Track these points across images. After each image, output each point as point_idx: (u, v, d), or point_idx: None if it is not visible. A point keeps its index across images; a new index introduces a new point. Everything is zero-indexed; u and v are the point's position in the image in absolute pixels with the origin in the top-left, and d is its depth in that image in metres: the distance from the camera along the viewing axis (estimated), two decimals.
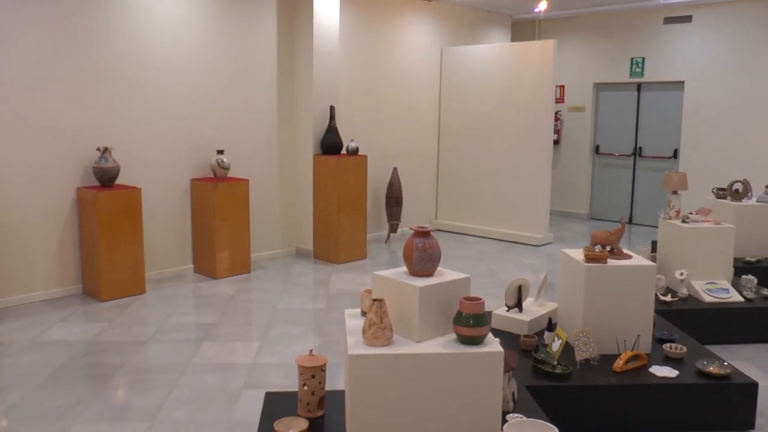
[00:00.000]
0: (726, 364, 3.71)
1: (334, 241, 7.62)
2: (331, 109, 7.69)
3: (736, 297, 5.19)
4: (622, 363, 3.65)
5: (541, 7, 9.71)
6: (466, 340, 2.68)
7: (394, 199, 8.69)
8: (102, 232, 5.93)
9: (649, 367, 3.71)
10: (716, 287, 5.24)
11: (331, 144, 7.64)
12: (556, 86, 10.88)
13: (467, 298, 2.71)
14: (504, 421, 2.77)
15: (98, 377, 4.39)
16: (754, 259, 6.28)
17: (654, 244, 6.29)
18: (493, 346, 2.70)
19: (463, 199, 9.69)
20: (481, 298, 2.70)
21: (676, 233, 5.47)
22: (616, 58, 10.47)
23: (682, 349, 3.88)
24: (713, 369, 3.64)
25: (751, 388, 3.61)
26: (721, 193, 6.75)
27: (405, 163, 9.33)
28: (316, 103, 7.68)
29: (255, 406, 3.87)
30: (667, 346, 3.92)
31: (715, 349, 4.70)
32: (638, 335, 3.88)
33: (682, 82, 9.81)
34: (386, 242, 8.86)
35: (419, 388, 2.62)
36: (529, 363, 3.72)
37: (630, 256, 4.10)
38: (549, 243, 8.98)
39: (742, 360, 4.69)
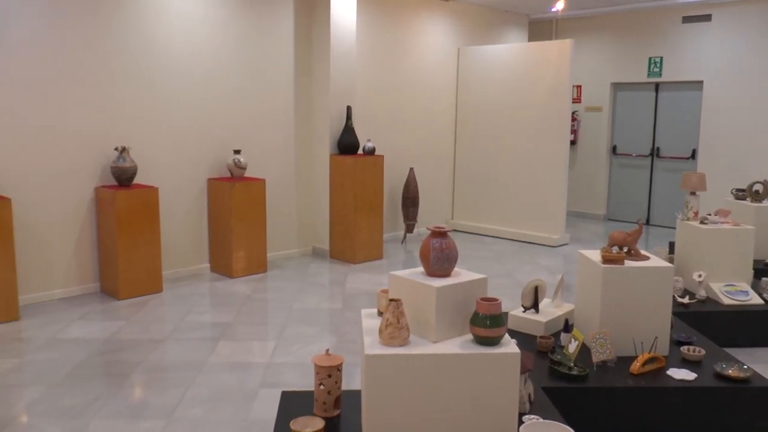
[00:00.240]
0: (745, 367, 3.67)
1: (351, 241, 7.63)
2: (348, 109, 7.70)
3: (755, 299, 5.14)
4: (639, 365, 3.63)
5: (559, 6, 9.66)
6: (482, 341, 2.68)
7: (410, 199, 8.69)
8: (120, 231, 5.97)
9: (667, 369, 3.68)
10: (735, 289, 5.19)
11: (347, 144, 7.65)
12: (573, 86, 10.82)
13: (484, 299, 2.71)
14: (520, 423, 2.76)
15: (116, 375, 4.43)
16: None
17: (671, 245, 6.24)
18: (510, 347, 2.69)
19: (480, 200, 9.67)
20: (498, 299, 2.70)
21: (695, 234, 5.42)
22: (633, 57, 10.40)
23: (700, 352, 3.85)
24: (732, 372, 3.60)
25: None
26: (741, 194, 6.69)
27: (421, 163, 9.32)
28: (333, 103, 7.69)
29: (271, 406, 3.88)
30: (684, 349, 3.88)
31: (734, 352, 4.64)
32: (656, 337, 3.85)
33: (701, 82, 9.73)
34: (402, 242, 8.85)
35: (435, 388, 2.62)
36: (546, 364, 3.71)
37: (647, 258, 4.07)
38: (565, 244, 8.94)
39: (763, 363, 4.64)
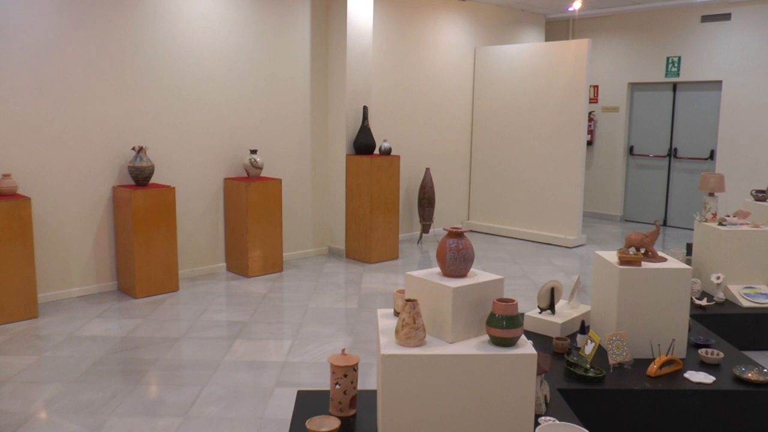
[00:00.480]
0: (765, 370, 3.62)
1: (367, 241, 7.64)
2: (365, 109, 7.71)
3: None
4: (657, 368, 3.60)
5: (576, 6, 9.61)
6: (499, 342, 2.67)
7: (426, 200, 8.68)
8: (137, 230, 6.02)
9: (684, 372, 3.65)
10: (755, 292, 5.15)
11: (364, 144, 7.65)
12: (590, 86, 10.78)
13: (501, 300, 2.70)
14: (536, 424, 2.76)
15: (133, 372, 4.46)
16: None
17: (689, 247, 6.20)
18: (526, 348, 2.68)
19: (496, 200, 9.65)
20: (514, 300, 2.69)
21: (713, 236, 5.38)
22: (651, 57, 10.33)
23: (718, 355, 3.81)
24: (752, 376, 3.56)
25: None
26: (760, 195, 6.62)
27: (438, 163, 9.32)
28: (350, 103, 7.70)
29: (287, 404, 3.90)
30: (702, 351, 3.85)
31: (754, 356, 4.61)
32: (673, 339, 3.82)
33: (720, 82, 9.64)
34: (418, 242, 8.85)
35: (451, 389, 2.61)
36: (562, 366, 3.69)
37: (665, 259, 4.04)
38: (582, 245, 8.90)
39: None
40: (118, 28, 6.17)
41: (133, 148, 6.20)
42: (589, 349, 3.65)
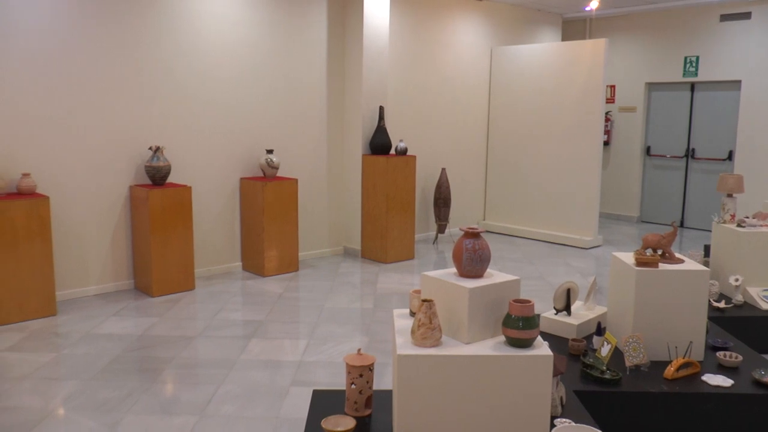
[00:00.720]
0: None
1: (382, 241, 7.64)
2: (381, 109, 7.71)
3: None
4: (674, 370, 3.57)
5: (593, 5, 9.56)
6: (515, 343, 2.66)
7: (442, 200, 8.67)
8: (153, 229, 6.05)
9: (702, 375, 3.62)
10: None
11: (380, 144, 7.65)
12: (607, 86, 10.72)
13: (517, 301, 2.69)
14: (552, 426, 2.74)
15: (149, 370, 4.49)
16: None
17: (707, 248, 6.14)
18: (543, 349, 2.67)
19: (512, 200, 9.62)
20: (530, 301, 2.68)
21: (731, 238, 5.33)
22: (669, 57, 10.26)
23: (737, 358, 3.77)
24: None
25: None
26: None
27: (453, 163, 9.30)
28: (366, 103, 7.70)
29: (302, 404, 3.91)
30: (721, 354, 3.82)
31: None
32: (690, 342, 3.79)
33: (739, 82, 9.55)
34: (434, 243, 8.84)
35: (467, 389, 2.61)
36: (578, 367, 3.67)
37: (682, 261, 4.01)
38: (598, 246, 8.85)
39: None
40: (136, 29, 6.21)
41: (150, 148, 6.24)
42: (606, 351, 3.62)
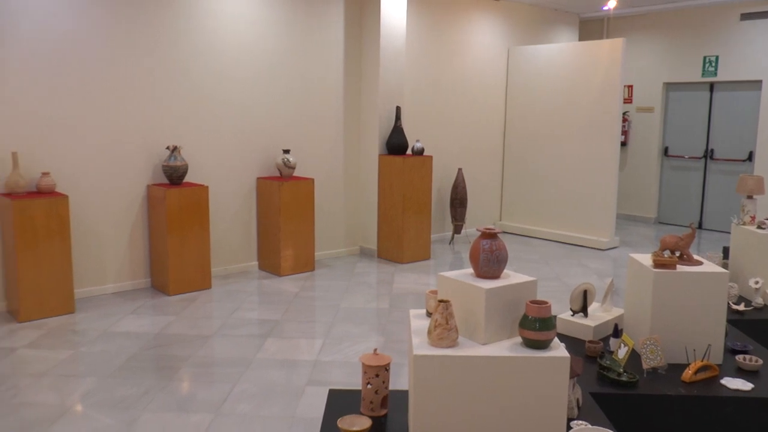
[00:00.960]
0: None
1: (398, 241, 7.64)
2: (397, 109, 7.71)
3: None
4: (692, 373, 3.53)
5: (611, 4, 9.50)
6: (532, 344, 2.65)
7: (458, 200, 8.66)
8: (170, 228, 6.09)
9: (721, 378, 3.58)
10: None
11: (396, 144, 7.65)
12: (625, 86, 10.64)
13: (534, 302, 2.68)
14: (568, 428, 2.73)
15: (165, 368, 4.52)
16: None
17: (726, 250, 6.08)
18: (560, 350, 2.65)
19: (528, 201, 9.59)
20: (548, 302, 2.66)
21: (751, 239, 5.27)
22: (687, 56, 10.17)
23: (757, 361, 3.73)
24: None
25: None
26: None
27: (470, 163, 9.28)
28: (382, 103, 7.70)
29: (318, 403, 3.92)
30: (740, 358, 3.77)
31: None
32: (709, 345, 3.75)
33: (760, 82, 9.45)
34: (450, 243, 8.83)
35: (484, 390, 2.60)
36: (594, 369, 3.64)
37: (701, 263, 3.97)
38: (615, 247, 8.80)
39: None
40: (154, 30, 6.25)
41: (168, 148, 6.28)
42: (623, 353, 3.60)
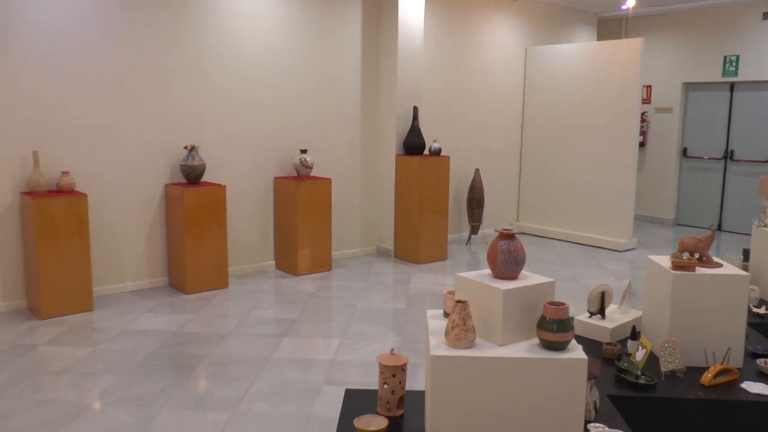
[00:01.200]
0: None
1: (415, 241, 7.63)
2: (415, 109, 7.70)
3: None
4: (711, 377, 3.50)
5: (629, 3, 9.41)
6: (549, 346, 2.64)
7: (475, 201, 8.64)
8: (188, 227, 6.13)
9: (741, 382, 3.54)
10: None
11: (414, 144, 7.65)
12: (643, 86, 10.56)
13: (551, 303, 2.67)
14: (586, 431, 2.72)
15: (183, 367, 4.55)
16: None
17: (746, 252, 6.02)
18: (577, 352, 2.64)
19: (545, 202, 9.55)
20: (565, 303, 2.65)
21: None
22: (707, 56, 10.07)
23: None
24: None
25: None
26: None
27: (487, 164, 9.26)
28: (400, 103, 7.70)
29: (334, 403, 3.92)
30: (761, 362, 3.73)
31: None
32: (729, 348, 3.71)
33: None
34: (467, 244, 8.81)
35: (501, 391, 2.59)
36: (612, 372, 3.62)
37: (720, 265, 3.93)
38: (632, 249, 8.74)
39: None
40: (172, 30, 6.29)
41: (186, 147, 6.32)
42: (640, 356, 3.57)
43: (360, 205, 8.01)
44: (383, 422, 2.76)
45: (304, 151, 7.06)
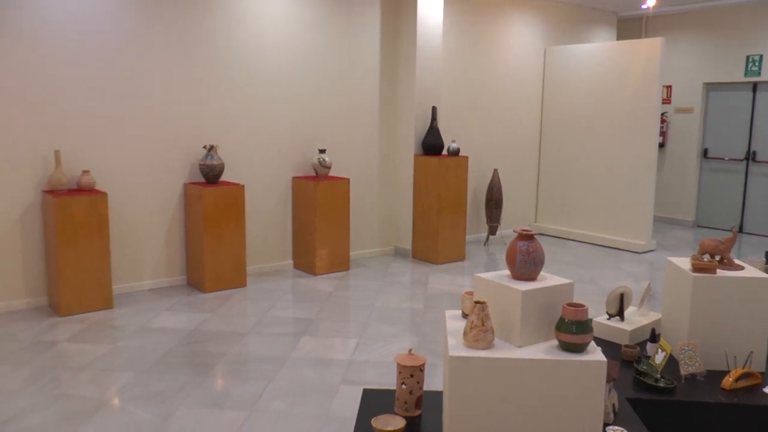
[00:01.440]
0: None
1: (433, 242, 7.62)
2: (433, 109, 7.69)
3: None
4: (732, 380, 3.46)
5: (650, 3, 9.33)
6: (568, 347, 2.63)
7: (494, 201, 8.61)
8: (206, 226, 6.16)
9: (764, 387, 3.50)
10: None
11: (432, 144, 7.64)
12: (663, 86, 10.47)
13: (570, 305, 2.65)
14: None
15: (201, 365, 4.57)
16: None
17: None
18: (596, 354, 2.63)
19: (564, 203, 9.49)
20: (584, 305, 2.64)
21: None
22: (729, 56, 9.97)
23: None
24: None
25: None
26: None
27: (505, 164, 9.22)
28: (418, 103, 7.70)
29: (352, 402, 3.93)
30: None
31: None
32: (751, 352, 3.67)
33: None
34: (485, 244, 8.78)
35: (519, 393, 2.59)
36: (630, 374, 3.60)
37: (742, 267, 3.89)
38: (652, 250, 8.67)
39: None
40: (191, 30, 6.33)
41: (205, 147, 6.35)
42: (660, 359, 3.54)
43: (378, 205, 8.01)
44: (401, 422, 2.76)
45: (323, 151, 7.07)
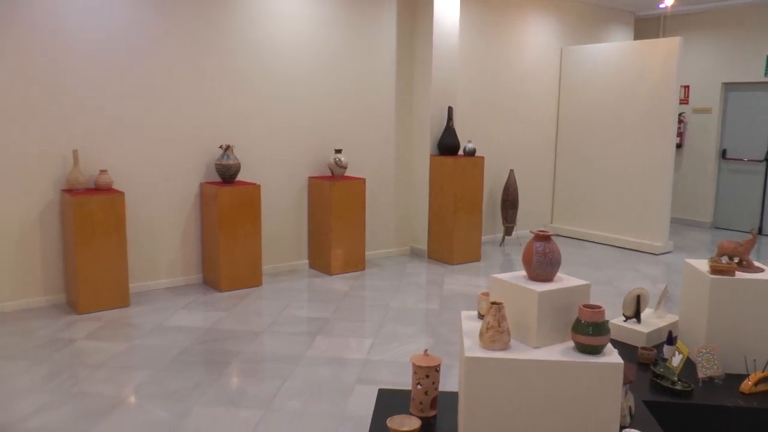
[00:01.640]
0: None
1: (449, 242, 7.61)
2: (449, 109, 7.67)
3: None
4: (751, 384, 3.43)
5: (668, 2, 9.26)
6: (584, 349, 2.61)
7: (509, 202, 8.58)
8: (222, 225, 6.18)
9: None
10: None
11: (448, 145, 7.62)
12: (681, 86, 10.39)
13: (587, 306, 2.64)
14: None
15: (216, 363, 4.59)
16: None
17: None
18: (613, 356, 2.61)
19: (580, 203, 9.45)
20: (601, 307, 2.63)
21: None
22: (749, 55, 9.87)
23: None
24: None
25: None
26: None
27: (521, 164, 9.19)
28: (434, 103, 7.69)
29: (367, 402, 3.93)
30: None
31: None
32: None
33: None
34: (501, 245, 8.76)
35: (535, 394, 2.58)
36: (647, 377, 3.57)
37: (761, 270, 3.86)
38: (669, 252, 8.60)
39: None
40: (209, 30, 6.36)
41: (221, 147, 6.38)
42: (677, 361, 3.51)
43: (394, 205, 8.01)
44: (416, 422, 2.76)
45: (339, 151, 7.08)
